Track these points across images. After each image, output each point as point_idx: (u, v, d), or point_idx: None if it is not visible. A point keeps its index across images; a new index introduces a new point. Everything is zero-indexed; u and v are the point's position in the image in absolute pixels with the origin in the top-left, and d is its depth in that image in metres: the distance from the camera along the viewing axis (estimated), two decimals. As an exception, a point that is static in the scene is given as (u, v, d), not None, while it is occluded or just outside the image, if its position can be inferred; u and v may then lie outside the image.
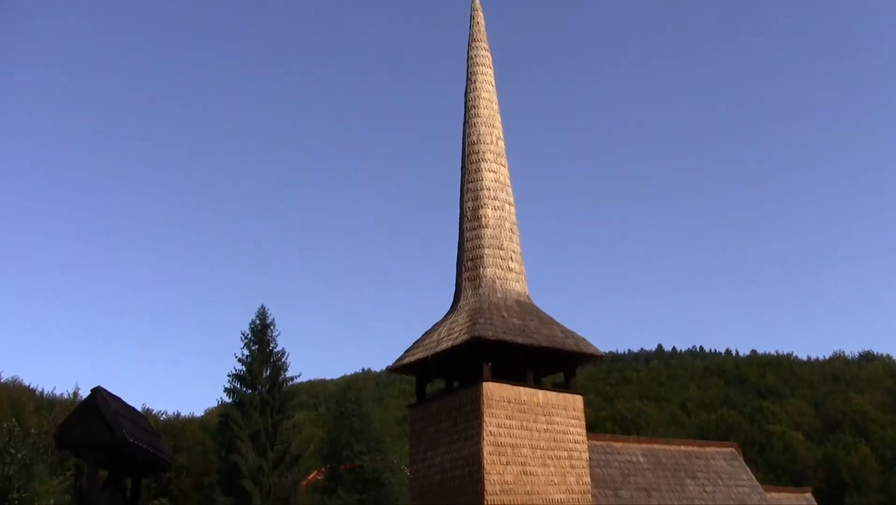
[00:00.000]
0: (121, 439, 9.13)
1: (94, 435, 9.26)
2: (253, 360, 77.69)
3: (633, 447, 28.94)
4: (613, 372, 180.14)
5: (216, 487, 77.19)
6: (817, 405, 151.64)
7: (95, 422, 9.35)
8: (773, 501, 30.62)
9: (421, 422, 26.45)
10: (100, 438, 9.26)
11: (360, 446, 76.51)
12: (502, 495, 23.80)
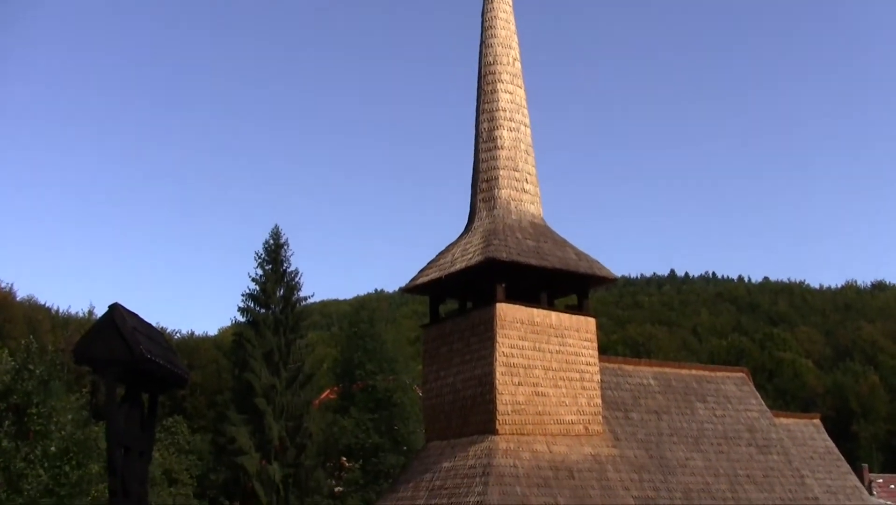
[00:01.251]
0: (138, 355, 9.19)
1: (112, 351, 9.32)
2: (266, 279, 78.08)
3: (645, 370, 29.12)
4: (625, 296, 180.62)
5: (229, 406, 78.08)
6: (828, 333, 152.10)
7: (113, 338, 9.40)
8: (781, 427, 30.84)
9: (434, 342, 26.61)
10: (118, 354, 9.32)
11: (372, 366, 77.14)
12: (514, 415, 24.02)
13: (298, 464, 75.71)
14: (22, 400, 23.94)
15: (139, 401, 10.25)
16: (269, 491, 74.79)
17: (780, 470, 28.46)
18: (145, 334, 9.75)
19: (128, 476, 9.66)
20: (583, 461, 24.42)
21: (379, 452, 73.84)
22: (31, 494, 22.99)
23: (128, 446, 9.72)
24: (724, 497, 26.33)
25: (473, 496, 22.46)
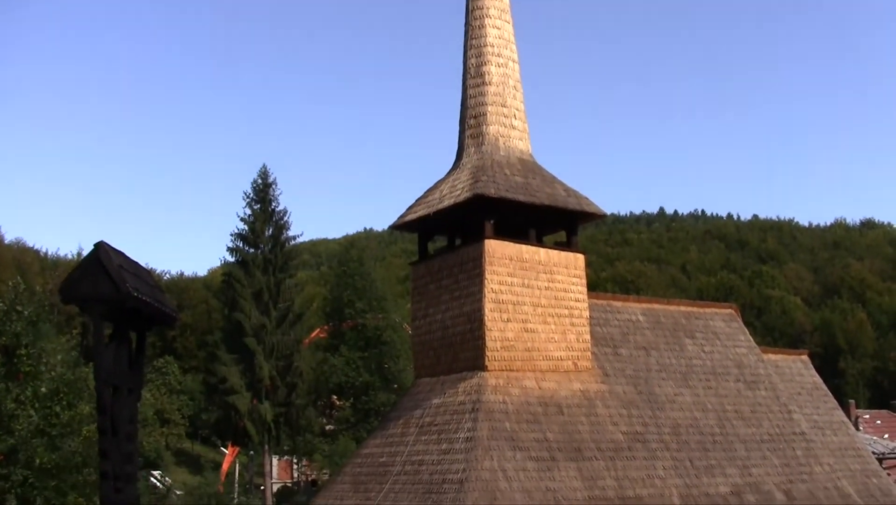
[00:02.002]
0: (125, 293, 9.06)
1: (98, 289, 9.19)
2: (255, 219, 77.94)
3: (633, 307, 29.13)
4: (615, 234, 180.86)
5: (220, 345, 78.31)
6: (816, 271, 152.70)
7: (99, 276, 9.26)
8: (769, 363, 30.97)
9: (422, 279, 26.56)
10: (104, 293, 9.19)
11: (362, 305, 77.32)
12: (503, 352, 24.05)
13: (289, 403, 76.12)
14: (11, 341, 23.87)
15: (127, 339, 10.18)
16: (261, 430, 75.23)
17: (768, 405, 28.63)
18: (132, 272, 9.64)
19: (117, 414, 9.61)
20: (572, 397, 24.51)
21: (369, 390, 74.28)
22: (22, 435, 23.02)
23: (116, 385, 9.67)
24: (712, 432, 26.50)
25: (463, 432, 22.54)
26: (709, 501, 24.37)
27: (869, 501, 28.21)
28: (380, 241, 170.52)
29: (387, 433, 25.68)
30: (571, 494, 22.11)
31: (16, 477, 22.47)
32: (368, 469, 25.12)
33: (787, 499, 26.00)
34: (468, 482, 21.10)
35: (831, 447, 30.42)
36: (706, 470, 25.24)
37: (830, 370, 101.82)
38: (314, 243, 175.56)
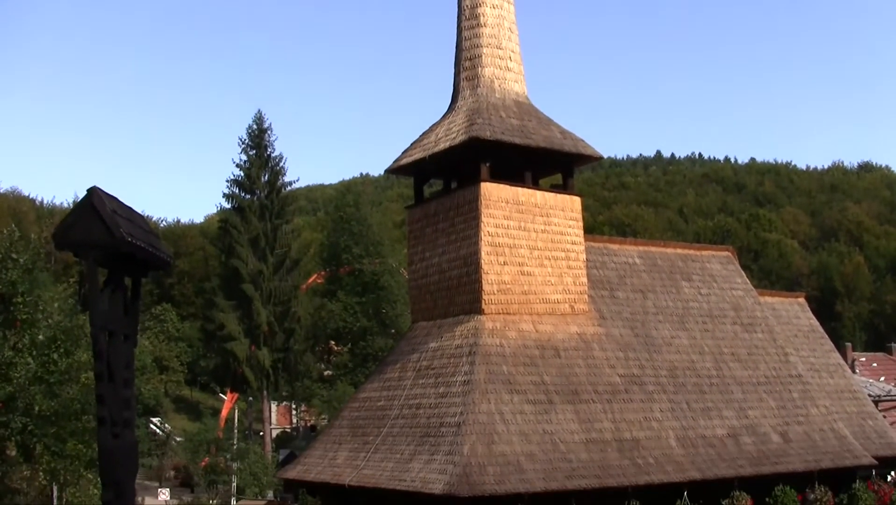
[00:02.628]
0: (119, 238, 8.92)
1: (91, 235, 9.05)
2: (251, 165, 77.68)
3: (630, 249, 29.07)
4: (611, 177, 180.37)
5: (217, 292, 78.36)
6: (814, 214, 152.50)
7: (93, 221, 9.12)
8: (766, 305, 30.97)
9: (419, 223, 26.47)
10: (97, 238, 9.05)
11: (359, 250, 77.25)
12: (500, 295, 24.02)
13: (287, 348, 76.33)
14: (7, 289, 23.81)
15: (122, 285, 10.09)
16: (259, 376, 75.52)
17: (765, 348, 28.66)
18: (125, 217, 9.53)
19: (113, 360, 9.54)
20: (569, 340, 24.52)
21: (367, 335, 74.40)
22: (20, 382, 23.04)
23: (112, 330, 9.60)
24: (708, 374, 26.56)
25: (460, 375, 22.58)
26: (705, 442, 24.48)
27: (864, 443, 28.35)
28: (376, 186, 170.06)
29: (384, 377, 25.73)
30: (569, 436, 22.20)
31: (15, 424, 22.52)
32: (366, 413, 25.20)
33: (784, 440, 26.12)
34: (466, 425, 21.17)
35: (827, 389, 30.51)
36: (703, 412, 25.34)
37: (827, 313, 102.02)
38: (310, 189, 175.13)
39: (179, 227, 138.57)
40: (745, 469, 24.38)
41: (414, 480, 21.14)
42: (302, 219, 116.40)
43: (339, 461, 24.52)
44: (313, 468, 25.33)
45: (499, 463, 20.62)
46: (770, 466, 24.99)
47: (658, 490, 22.40)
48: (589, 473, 21.61)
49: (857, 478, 26.85)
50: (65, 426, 24.39)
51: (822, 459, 26.20)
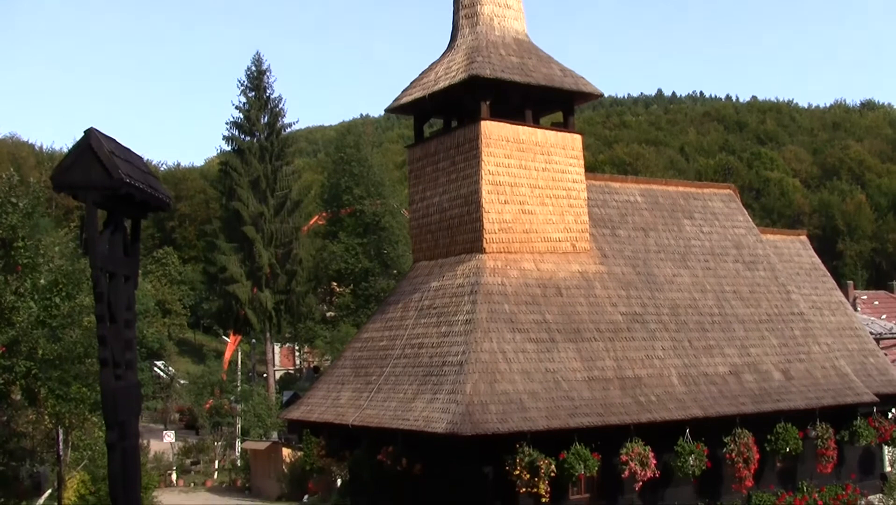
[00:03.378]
0: (117, 180, 8.84)
1: (89, 176, 8.96)
2: (250, 107, 77.34)
3: (631, 187, 28.95)
4: (612, 116, 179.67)
5: (219, 235, 78.39)
6: (816, 152, 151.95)
7: (91, 163, 9.03)
8: (768, 243, 30.90)
9: (419, 162, 26.36)
10: (96, 179, 8.96)
11: (360, 191, 77.17)
12: (501, 234, 23.97)
13: (289, 290, 76.46)
14: (7, 234, 23.69)
15: (121, 226, 10.04)
16: (262, 318, 75.75)
17: (766, 286, 28.65)
18: (123, 158, 9.44)
19: (114, 302, 9.52)
20: (570, 278, 24.50)
21: (369, 276, 74.54)
22: (22, 326, 23.03)
23: (112, 272, 9.56)
24: (710, 312, 26.58)
25: (462, 315, 22.60)
26: (707, 380, 24.55)
27: (866, 381, 28.43)
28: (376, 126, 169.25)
29: (386, 317, 25.75)
30: (571, 374, 22.26)
31: (19, 368, 22.55)
32: (369, 353, 25.26)
33: (785, 378, 26.20)
34: (468, 364, 21.22)
35: (829, 327, 30.54)
36: (705, 350, 25.39)
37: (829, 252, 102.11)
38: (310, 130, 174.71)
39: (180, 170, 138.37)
40: (746, 407, 24.48)
41: (417, 420, 21.24)
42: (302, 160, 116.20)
43: (342, 401, 24.62)
44: (317, 409, 25.43)
45: (501, 401, 20.69)
46: (772, 404, 25.08)
47: (660, 428, 22.52)
48: (591, 411, 21.69)
49: (858, 415, 26.98)
50: (68, 370, 24.42)
51: (824, 396, 26.29)
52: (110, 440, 9.45)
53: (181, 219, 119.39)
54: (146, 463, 43.16)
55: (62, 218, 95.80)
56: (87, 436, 29.25)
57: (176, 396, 79.40)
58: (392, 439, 22.24)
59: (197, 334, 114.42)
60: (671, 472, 23.04)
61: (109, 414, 9.36)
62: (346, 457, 25.29)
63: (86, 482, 30.49)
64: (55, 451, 28.48)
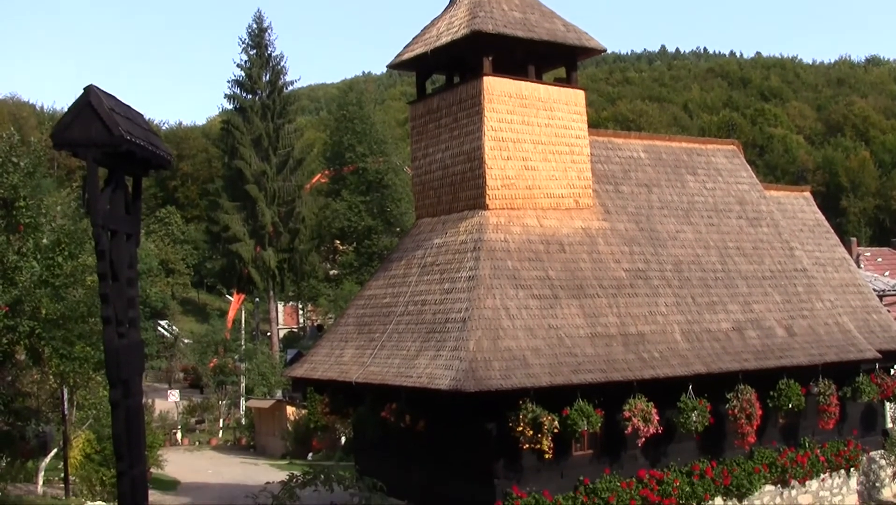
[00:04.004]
0: (118, 137, 8.78)
1: (90, 133, 8.90)
2: (252, 64, 77.21)
3: (635, 143, 28.79)
4: (615, 72, 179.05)
5: (221, 194, 78.52)
6: (820, 109, 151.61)
7: (90, 120, 8.96)
8: (771, 199, 30.78)
9: (421, 118, 26.21)
10: (96, 136, 8.90)
11: (362, 149, 77.08)
12: (504, 190, 23.86)
13: (292, 249, 76.65)
14: (8, 193, 23.64)
15: (122, 184, 9.99)
16: (265, 276, 76.01)
17: (770, 242, 28.58)
18: (124, 116, 9.37)
19: (116, 259, 9.49)
20: (573, 235, 24.44)
21: (372, 233, 74.64)
22: (25, 286, 23.04)
23: (114, 230, 9.52)
24: (713, 269, 26.52)
25: (465, 271, 22.56)
26: (710, 336, 24.55)
27: (868, 337, 28.42)
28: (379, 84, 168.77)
29: (389, 274, 25.73)
30: (574, 331, 22.25)
31: (23, 328, 22.58)
32: (372, 310, 25.26)
33: (788, 334, 26.19)
34: (471, 321, 21.21)
35: (832, 284, 30.49)
36: (708, 306, 25.36)
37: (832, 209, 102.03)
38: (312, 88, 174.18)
39: (181, 129, 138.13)
40: (749, 363, 24.48)
41: (420, 377, 21.26)
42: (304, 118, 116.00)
43: (345, 359, 24.65)
44: (320, 366, 25.48)
45: (504, 358, 20.70)
46: (774, 360, 25.08)
47: (663, 384, 22.52)
48: (594, 368, 21.70)
49: (861, 371, 27.00)
50: (72, 329, 24.48)
51: (827, 352, 26.29)
52: (114, 398, 9.46)
53: (183, 178, 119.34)
54: (151, 422, 43.44)
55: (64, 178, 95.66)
56: (92, 395, 29.43)
57: (180, 356, 79.83)
58: (395, 396, 22.27)
59: (200, 293, 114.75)
60: (674, 428, 23.08)
61: (112, 372, 9.36)
62: (350, 414, 25.36)
63: (91, 441, 30.71)
64: (60, 410, 28.66)
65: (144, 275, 60.90)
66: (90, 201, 9.23)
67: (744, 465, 24.83)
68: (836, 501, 27.05)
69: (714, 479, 24.07)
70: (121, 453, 9.47)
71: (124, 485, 9.46)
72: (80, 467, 30.45)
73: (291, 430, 50.49)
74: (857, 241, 65.84)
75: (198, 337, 77.47)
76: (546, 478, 21.74)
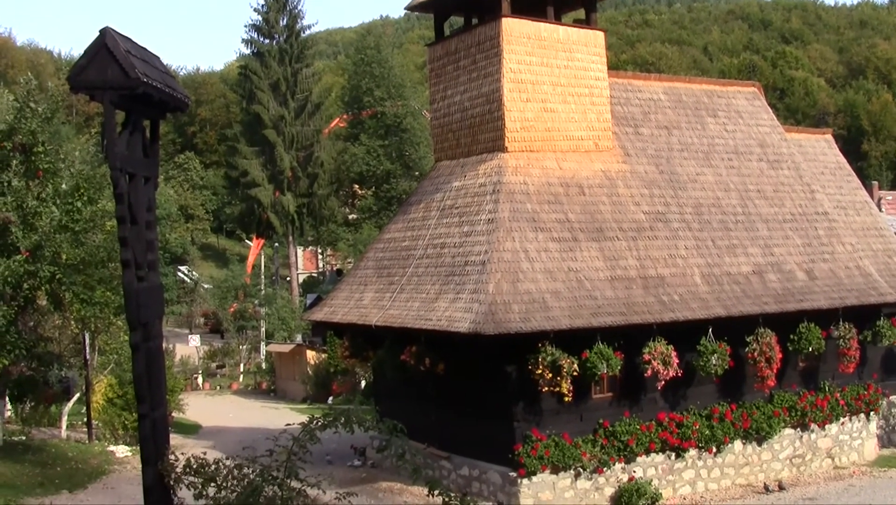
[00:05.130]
0: (134, 79, 8.75)
1: (106, 75, 8.87)
2: (269, 9, 76.81)
3: (655, 85, 28.48)
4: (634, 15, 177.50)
5: (240, 139, 78.49)
6: (841, 51, 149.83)
7: (107, 62, 8.92)
8: (792, 142, 30.49)
9: (440, 60, 26.00)
10: (113, 79, 8.87)
11: (380, 93, 76.65)
12: (523, 132, 23.70)
13: (311, 193, 76.70)
14: (27, 139, 23.59)
15: (140, 127, 9.95)
16: (284, 221, 76.16)
17: (791, 185, 28.35)
18: (140, 58, 9.31)
19: (134, 203, 9.50)
20: (593, 177, 24.30)
21: (391, 178, 74.44)
22: (45, 231, 23.06)
23: (132, 173, 9.51)
24: (734, 212, 26.35)
25: (484, 214, 22.48)
26: (730, 280, 24.45)
27: (890, 281, 28.24)
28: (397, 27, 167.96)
29: (408, 218, 25.68)
30: (594, 273, 22.19)
31: (43, 273, 22.62)
32: (391, 254, 25.25)
33: (809, 278, 26.06)
34: (491, 263, 21.18)
35: (853, 227, 30.29)
36: (728, 249, 25.24)
37: (854, 152, 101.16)
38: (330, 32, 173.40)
39: (199, 75, 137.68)
40: (769, 306, 24.39)
41: (440, 319, 21.27)
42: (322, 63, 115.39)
43: (365, 302, 24.69)
44: (340, 310, 25.53)
45: (524, 301, 20.67)
46: (795, 304, 24.98)
47: (683, 327, 22.48)
48: (614, 311, 21.66)
49: (882, 315, 26.87)
50: (92, 274, 24.54)
51: (847, 296, 26.16)
52: (134, 341, 9.52)
53: (202, 124, 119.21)
54: (172, 367, 43.72)
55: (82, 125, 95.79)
56: (113, 340, 29.61)
57: (200, 301, 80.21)
58: (415, 340, 22.33)
59: (220, 239, 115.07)
60: (693, 371, 23.08)
61: (132, 315, 9.40)
62: (370, 358, 25.46)
63: (113, 386, 30.95)
64: (82, 355, 28.85)
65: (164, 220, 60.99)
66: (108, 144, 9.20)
67: (763, 408, 24.82)
68: (856, 444, 27.06)
69: (733, 422, 24.08)
70: (142, 396, 9.54)
71: (146, 427, 9.54)
72: (103, 412, 30.72)
73: (311, 374, 50.74)
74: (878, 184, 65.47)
75: (218, 282, 77.77)
76: (565, 420, 21.81)
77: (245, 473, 9.16)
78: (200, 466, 9.37)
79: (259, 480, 9.01)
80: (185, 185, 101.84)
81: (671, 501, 22.66)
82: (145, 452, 9.48)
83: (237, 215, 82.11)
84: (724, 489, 23.81)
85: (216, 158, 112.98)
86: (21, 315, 23.87)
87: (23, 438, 27.26)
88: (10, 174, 23.40)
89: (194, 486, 9.32)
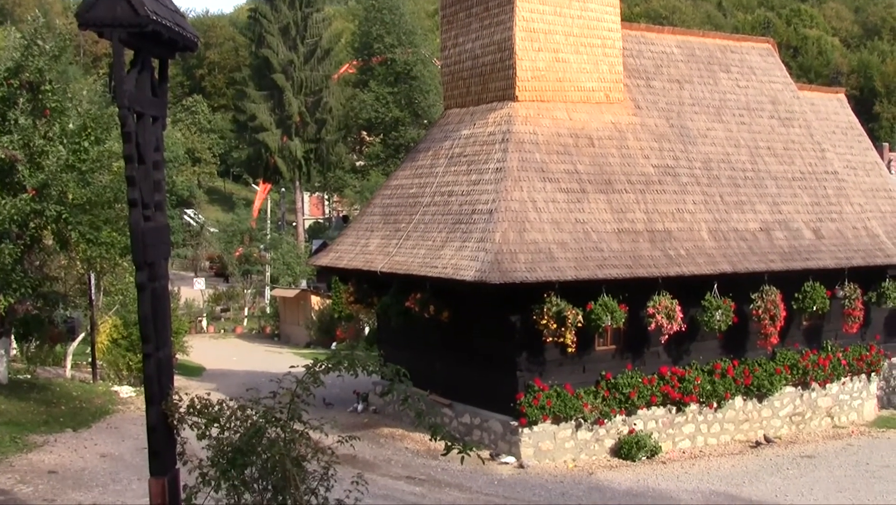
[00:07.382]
0: (144, 17, 8.63)
1: (115, 12, 8.76)
2: (279, -50, 76.12)
3: (668, 38, 28.24)
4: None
5: (248, 83, 78.22)
6: (857, 10, 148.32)
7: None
8: (804, 100, 30.27)
9: (452, 6, 25.76)
10: (122, 16, 8.76)
11: (391, 39, 76.24)
12: (534, 82, 23.53)
13: (319, 139, 76.51)
14: (34, 77, 23.36)
15: (148, 66, 9.85)
16: (291, 166, 76.05)
17: (801, 143, 28.19)
18: (149, -5, 9.19)
19: (142, 142, 9.43)
20: (603, 129, 24.17)
21: (399, 125, 74.21)
22: (52, 170, 22.94)
23: (140, 112, 9.43)
24: (743, 168, 26.24)
25: (493, 163, 22.39)
26: (737, 236, 24.39)
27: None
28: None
29: (416, 165, 25.60)
30: (601, 225, 22.15)
31: (50, 213, 22.54)
32: (398, 200, 25.20)
33: (816, 237, 25.99)
34: (498, 212, 21.13)
35: (863, 188, 30.17)
36: (736, 206, 25.15)
37: (866, 113, 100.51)
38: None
39: (208, 17, 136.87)
40: (775, 264, 24.35)
41: (445, 267, 21.26)
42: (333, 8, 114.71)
43: (371, 248, 24.68)
44: (345, 255, 25.54)
45: (530, 251, 20.65)
46: (801, 262, 24.94)
47: (688, 282, 22.47)
48: (620, 263, 21.64)
49: (887, 277, 26.83)
50: (98, 214, 24.44)
51: (854, 256, 26.11)
52: (140, 281, 9.49)
53: (210, 67, 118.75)
54: (177, 309, 43.85)
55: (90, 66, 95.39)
56: (119, 281, 29.66)
57: (206, 244, 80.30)
58: (420, 286, 22.33)
59: (227, 183, 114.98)
60: (697, 326, 23.10)
61: (138, 254, 9.37)
62: (374, 304, 25.49)
63: (118, 327, 31.03)
64: (87, 296, 28.91)
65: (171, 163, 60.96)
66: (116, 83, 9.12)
67: (765, 365, 24.88)
68: (856, 404, 27.14)
69: (735, 378, 24.15)
70: (147, 336, 9.53)
71: (150, 367, 9.54)
72: (107, 352, 30.85)
73: (316, 319, 50.93)
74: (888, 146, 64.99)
75: (224, 226, 77.85)
76: (568, 371, 21.89)
77: (248, 414, 9.19)
78: (204, 406, 9.39)
79: (262, 421, 9.05)
80: (193, 128, 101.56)
81: (671, 455, 22.78)
82: (149, 391, 9.49)
83: (244, 159, 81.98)
84: (724, 444, 23.94)
85: (224, 102, 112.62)
86: (27, 254, 23.84)
87: (28, 376, 27.38)
88: (16, 112, 23.25)
89: (197, 426, 9.35)
